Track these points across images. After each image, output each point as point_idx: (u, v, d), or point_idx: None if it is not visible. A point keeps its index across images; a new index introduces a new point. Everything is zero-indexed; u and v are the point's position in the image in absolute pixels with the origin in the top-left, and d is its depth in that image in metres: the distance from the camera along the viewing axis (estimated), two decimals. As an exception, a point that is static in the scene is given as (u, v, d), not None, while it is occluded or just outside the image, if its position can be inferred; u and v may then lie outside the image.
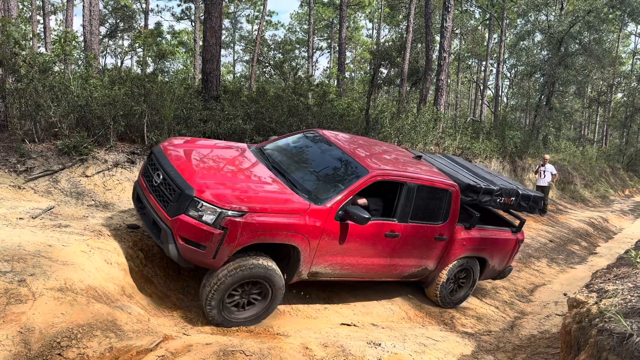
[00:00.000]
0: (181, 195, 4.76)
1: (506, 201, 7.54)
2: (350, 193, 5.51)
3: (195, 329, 4.89)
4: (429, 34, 19.23)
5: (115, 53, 37.30)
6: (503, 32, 30.29)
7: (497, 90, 31.99)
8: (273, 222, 4.87)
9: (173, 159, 5.36)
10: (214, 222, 4.61)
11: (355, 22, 44.71)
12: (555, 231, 15.08)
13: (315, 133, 6.88)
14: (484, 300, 8.35)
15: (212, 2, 10.09)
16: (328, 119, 11.99)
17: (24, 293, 3.88)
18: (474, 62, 45.69)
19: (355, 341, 5.22)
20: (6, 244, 4.52)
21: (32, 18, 25.56)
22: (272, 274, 5.07)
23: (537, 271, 10.85)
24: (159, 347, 4.06)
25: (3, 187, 6.54)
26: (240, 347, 4.23)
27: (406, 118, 14.81)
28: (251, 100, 11.29)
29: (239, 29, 45.25)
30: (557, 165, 20.40)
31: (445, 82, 17.62)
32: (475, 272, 7.51)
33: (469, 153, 16.31)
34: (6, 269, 4.07)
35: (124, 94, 8.18)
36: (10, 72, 7.66)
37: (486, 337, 6.73)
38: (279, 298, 5.27)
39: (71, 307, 3.99)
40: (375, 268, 6.21)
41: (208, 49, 10.30)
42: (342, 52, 24.11)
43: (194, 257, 4.74)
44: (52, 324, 3.77)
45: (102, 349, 3.79)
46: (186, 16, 36.56)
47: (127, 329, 4.13)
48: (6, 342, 3.50)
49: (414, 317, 7.04)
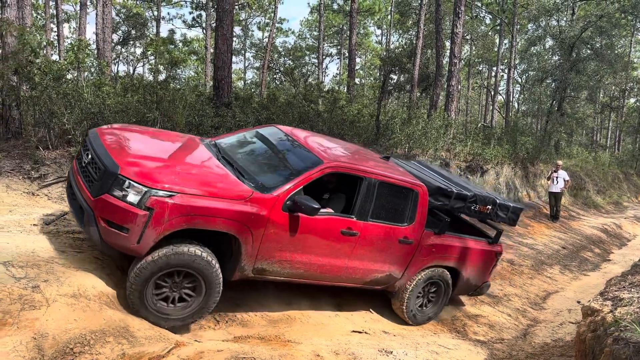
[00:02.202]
0: (105, 172, 4.35)
1: (482, 209, 7.06)
2: (300, 183, 5.07)
3: (207, 335, 4.90)
4: (440, 40, 19.20)
5: (128, 60, 37.67)
6: (514, 38, 30.16)
7: (508, 95, 31.81)
8: (207, 206, 4.40)
9: (106, 140, 4.96)
10: (139, 202, 4.18)
11: (365, 29, 44.79)
12: (567, 238, 14.94)
13: (272, 127, 6.53)
14: (496, 308, 8.28)
15: (224, 10, 10.17)
16: (338, 125, 12.02)
17: (38, 299, 3.91)
18: (484, 68, 45.52)
19: (366, 349, 5.20)
20: (20, 250, 4.57)
21: (46, 26, 25.92)
22: (204, 265, 4.53)
23: (549, 278, 10.74)
24: (170, 353, 4.08)
25: (17, 193, 6.61)
26: (252, 354, 4.23)
27: (417, 124, 14.78)
28: (262, 107, 11.35)
29: (250, 36, 45.52)
30: (569, 171, 20.22)
31: (456, 88, 17.57)
32: (447, 285, 6.88)
33: (480, 159, 16.23)
34: (20, 275, 4.11)
35: (136, 101, 8.26)
36: (25, 80, 7.77)
37: (499, 345, 6.67)
38: (215, 296, 4.74)
39: (84, 313, 4.01)
40: (332, 270, 5.66)
41: (219, 56, 10.37)
42: (352, 58, 24.14)
43: (116, 242, 4.29)
44: (65, 330, 3.78)
45: (114, 355, 3.81)
46: (197, 24, 36.87)
47: (140, 335, 4.15)
48: (20, 348, 3.52)
49: (425, 325, 6.99)
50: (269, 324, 5.62)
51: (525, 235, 14.00)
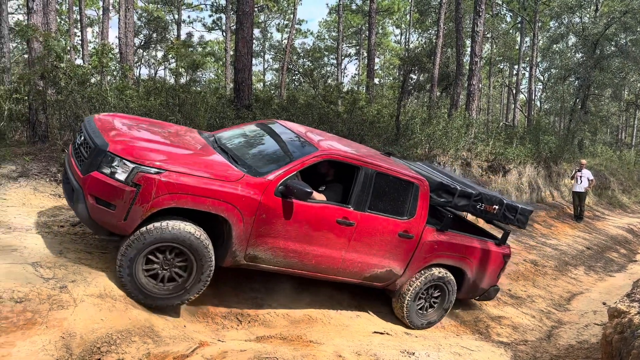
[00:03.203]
0: (94, 149, 4.39)
1: (488, 209, 6.85)
2: (293, 169, 5.02)
3: (230, 335, 4.95)
4: (460, 39, 19.05)
5: (149, 63, 38.19)
6: (535, 36, 29.79)
7: (530, 94, 31.43)
8: (196, 185, 4.38)
9: (100, 123, 4.99)
10: (126, 178, 4.20)
11: (383, 29, 44.66)
12: (592, 238, 14.70)
13: (272, 121, 6.51)
14: (520, 309, 8.19)
15: (244, 12, 10.25)
16: (358, 126, 12.01)
17: (66, 299, 4.00)
18: (505, 66, 44.99)
19: (388, 350, 5.20)
20: (48, 251, 4.67)
21: (70, 31, 26.43)
22: (195, 242, 4.45)
23: (574, 279, 10.58)
24: (195, 353, 4.13)
25: (44, 195, 6.75)
26: (275, 354, 4.26)
27: (437, 124, 14.68)
28: (282, 109, 11.41)
29: (269, 38, 45.76)
30: (593, 170, 19.90)
31: (476, 87, 17.43)
32: (451, 286, 6.59)
33: (502, 159, 16.06)
34: (48, 276, 4.21)
35: (159, 104, 8.37)
36: (51, 84, 7.93)
37: (522, 346, 6.59)
38: (206, 276, 4.65)
39: (110, 313, 4.09)
40: (328, 261, 5.51)
41: (240, 58, 10.46)
42: (371, 58, 24.11)
43: (103, 219, 4.30)
44: (92, 330, 3.87)
45: (140, 355, 3.87)
46: (217, 26, 37.20)
47: (164, 334, 4.21)
48: (49, 347, 3.61)
49: (447, 326, 6.96)
50: (290, 324, 5.65)
51: (549, 235, 13.81)
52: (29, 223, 5.46)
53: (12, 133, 8.57)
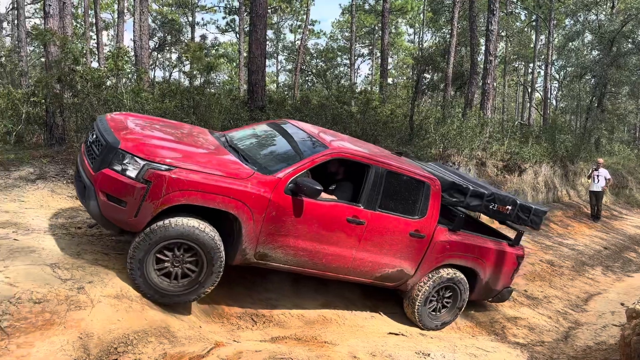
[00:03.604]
0: (106, 147, 4.44)
1: (500, 209, 6.74)
2: (303, 167, 5.04)
3: (245, 336, 4.97)
4: (474, 38, 18.91)
5: (164, 66, 38.52)
6: (551, 34, 29.45)
7: (545, 92, 31.08)
8: (206, 182, 4.40)
9: (112, 121, 5.06)
10: (137, 175, 4.24)
11: (397, 28, 44.51)
12: (609, 238, 14.51)
13: (283, 121, 6.52)
14: (536, 310, 8.11)
15: (257, 15, 10.30)
16: (371, 126, 11.99)
17: (83, 300, 4.04)
18: (520, 65, 44.60)
19: (403, 351, 5.18)
20: (66, 253, 4.73)
21: (86, 34, 26.74)
22: (200, 235, 4.45)
23: (591, 279, 10.45)
24: (210, 353, 4.15)
25: (62, 197, 6.84)
26: (290, 355, 4.27)
27: (451, 123, 14.59)
28: (295, 110, 11.44)
29: (282, 39, 45.87)
30: (610, 169, 19.63)
31: (491, 86, 17.27)
32: (463, 288, 6.51)
33: (517, 158, 15.91)
34: (66, 277, 4.26)
35: (174, 107, 8.44)
36: (68, 87, 8.03)
37: (539, 348, 6.53)
38: (217, 267, 4.64)
39: (127, 313, 4.13)
40: (338, 260, 5.47)
41: (253, 60, 10.50)
42: (384, 58, 24.03)
43: (114, 216, 4.35)
44: (109, 330, 3.91)
45: (156, 355, 3.90)
46: (231, 28, 37.37)
47: (180, 335, 4.25)
48: (67, 347, 3.66)
49: (463, 327, 6.92)
50: (305, 324, 5.67)
51: (566, 235, 13.67)
52: (46, 225, 5.54)
53: (29, 136, 8.72)
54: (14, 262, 4.27)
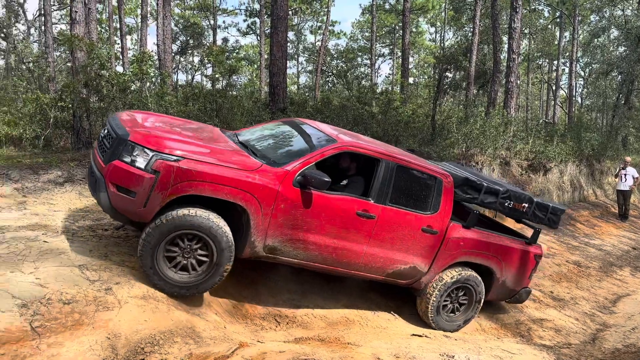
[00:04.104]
0: (116, 139, 4.53)
1: (516, 206, 6.60)
2: (311, 160, 5.05)
3: (269, 336, 5.01)
4: (497, 35, 18.71)
5: (186, 69, 38.96)
6: (575, 30, 28.92)
7: (570, 90, 30.52)
8: (213, 173, 4.45)
9: (123, 117, 5.18)
10: (146, 166, 4.32)
11: (418, 27, 44.22)
12: (638, 238, 14.20)
13: (293, 119, 6.51)
14: (563, 312, 7.98)
15: (278, 17, 10.35)
16: (393, 127, 11.94)
17: (111, 301, 4.13)
18: (544, 62, 43.92)
19: (427, 352, 5.14)
20: (94, 254, 4.84)
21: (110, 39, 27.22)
22: (214, 228, 4.51)
23: (619, 280, 10.23)
24: (235, 354, 4.19)
25: (89, 200, 6.98)
26: (313, 356, 4.28)
27: (474, 123, 14.44)
28: (316, 111, 11.46)
29: (302, 41, 45.96)
30: (638, 167, 19.21)
31: (514, 84, 17.06)
32: (478, 287, 6.37)
33: (542, 157, 15.67)
34: (94, 278, 4.36)
35: (197, 110, 8.54)
36: (94, 92, 8.20)
37: (566, 350, 6.42)
38: (225, 263, 4.67)
39: (153, 314, 4.20)
40: (349, 255, 5.42)
41: (274, 62, 10.56)
42: (405, 58, 23.91)
43: (123, 206, 4.41)
44: (136, 330, 3.98)
45: (182, 355, 3.96)
46: (252, 31, 37.59)
47: (205, 335, 4.30)
48: (96, 347, 3.74)
49: (488, 329, 6.85)
50: (328, 325, 5.68)
51: (592, 235, 13.41)
52: (75, 227, 5.66)
53: (57, 140, 8.92)
54: (44, 263, 4.39)
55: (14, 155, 8.32)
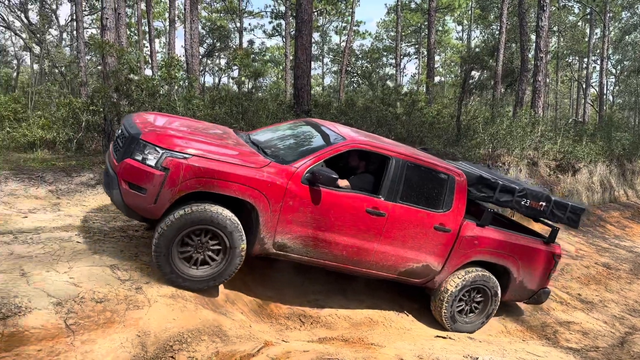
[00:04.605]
0: (129, 138, 4.68)
1: (533, 205, 6.46)
2: (320, 157, 5.10)
3: (293, 336, 5.09)
4: (524, 34, 18.46)
5: (213, 71, 39.46)
6: (606, 27, 28.30)
7: (601, 88, 29.89)
8: (221, 170, 4.54)
9: (137, 117, 5.33)
10: (156, 163, 4.44)
11: (444, 26, 43.82)
12: (672, 240, 13.83)
13: (304, 119, 6.53)
14: (591, 314, 7.87)
15: (302, 21, 10.45)
16: (417, 128, 11.92)
17: (141, 300, 4.27)
18: (574, 60, 43.04)
19: (451, 354, 5.15)
20: (125, 254, 5.00)
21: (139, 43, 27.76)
22: (226, 222, 4.62)
23: (651, 283, 10.02)
24: (260, 352, 4.28)
25: (119, 201, 7.19)
26: (337, 356, 4.35)
27: (501, 123, 14.29)
28: (340, 112, 11.52)
29: (327, 42, 46.02)
30: (673, 167, 18.72)
31: (542, 83, 16.82)
32: (494, 287, 6.27)
33: (571, 157, 15.41)
34: (125, 278, 4.51)
35: (224, 113, 8.70)
36: (125, 96, 8.44)
37: (593, 353, 6.34)
38: (238, 257, 4.78)
39: (181, 313, 4.33)
40: (360, 253, 5.41)
41: (299, 65, 10.66)
42: (430, 57, 23.78)
43: (135, 203, 4.54)
44: (165, 329, 4.11)
45: (209, 353, 4.08)
46: (277, 32, 37.86)
47: (231, 334, 4.41)
48: (126, 345, 3.88)
49: (513, 331, 6.81)
50: (351, 326, 5.74)
51: (623, 237, 13.14)
52: (106, 228, 5.84)
53: (89, 143, 9.19)
54: (77, 263, 4.56)
55: (48, 158, 8.60)
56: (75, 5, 17.45)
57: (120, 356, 3.78)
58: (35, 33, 21.56)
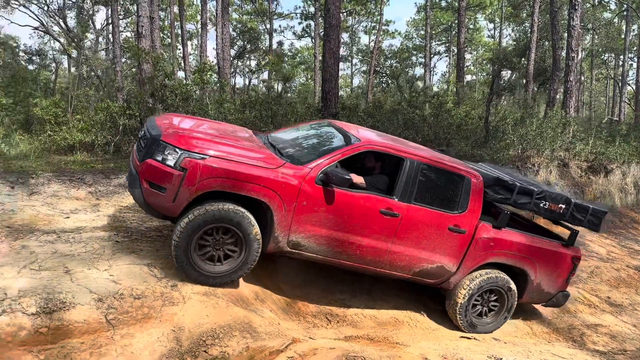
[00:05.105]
0: (150, 139, 4.87)
1: (552, 207, 6.38)
2: (334, 159, 5.21)
3: (320, 333, 5.26)
4: (556, 33, 18.17)
5: (243, 73, 39.99)
6: (643, 23, 27.54)
7: (638, 86, 29.09)
8: (237, 170, 4.70)
9: (159, 120, 5.55)
10: (175, 163, 4.62)
11: (475, 24, 43.32)
12: None
13: (323, 121, 6.63)
14: (619, 318, 7.80)
15: (330, 25, 10.61)
16: (444, 130, 11.93)
17: (176, 296, 4.52)
18: (610, 57, 41.96)
19: (475, 355, 5.23)
20: (160, 253, 5.27)
21: (172, 46, 28.40)
22: (241, 218, 4.79)
23: (684, 287, 9.82)
24: (288, 348, 4.48)
25: (155, 202, 7.49)
26: (362, 354, 4.51)
27: (530, 124, 14.14)
28: (368, 115, 11.63)
29: (356, 42, 46.06)
30: None
31: (574, 83, 16.56)
32: (510, 290, 6.26)
33: (603, 158, 15.14)
34: (161, 275, 4.77)
35: (254, 117, 8.94)
36: (160, 101, 8.77)
37: (621, 356, 6.32)
38: (254, 253, 4.96)
39: (214, 309, 4.56)
40: (373, 253, 5.49)
41: (327, 69, 10.83)
42: (460, 57, 23.62)
43: (155, 201, 4.74)
44: (198, 324, 4.34)
45: (240, 348, 4.29)
46: (306, 34, 38.16)
47: (261, 330, 4.61)
48: (162, 339, 4.13)
49: (539, 333, 6.83)
50: (377, 325, 5.87)
51: (658, 240, 12.85)
52: (143, 228, 6.13)
53: (126, 146, 9.56)
54: (117, 261, 4.85)
55: (88, 161, 9.00)
56: (112, 11, 18.05)
57: (157, 350, 4.02)
58: (73, 39, 22.31)
